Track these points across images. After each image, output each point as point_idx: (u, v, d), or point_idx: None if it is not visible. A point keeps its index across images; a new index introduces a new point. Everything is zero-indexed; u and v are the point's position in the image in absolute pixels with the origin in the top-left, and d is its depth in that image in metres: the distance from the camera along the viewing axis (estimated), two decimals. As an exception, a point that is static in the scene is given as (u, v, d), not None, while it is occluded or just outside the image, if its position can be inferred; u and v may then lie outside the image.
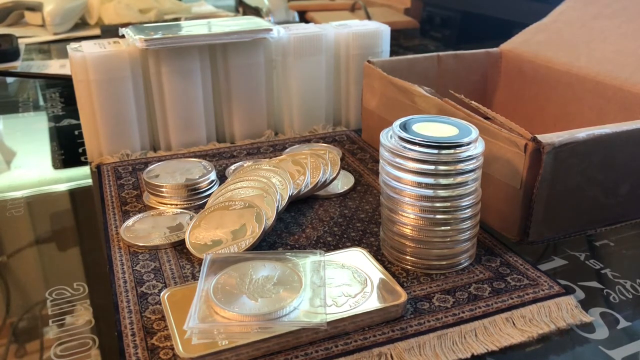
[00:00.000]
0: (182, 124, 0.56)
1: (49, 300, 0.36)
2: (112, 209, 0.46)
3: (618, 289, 0.37)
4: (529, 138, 0.37)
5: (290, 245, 0.41)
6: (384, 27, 0.61)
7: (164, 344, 0.31)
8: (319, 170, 0.46)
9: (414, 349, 0.31)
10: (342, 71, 0.62)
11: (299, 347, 0.31)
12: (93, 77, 0.51)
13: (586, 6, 0.60)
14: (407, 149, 0.35)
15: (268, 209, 0.41)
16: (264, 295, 0.32)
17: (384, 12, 1.20)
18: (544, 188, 0.38)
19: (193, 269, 0.38)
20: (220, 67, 0.57)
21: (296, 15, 1.16)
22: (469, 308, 0.34)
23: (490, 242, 0.41)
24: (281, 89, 0.60)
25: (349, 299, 0.33)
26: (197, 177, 0.47)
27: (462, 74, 0.61)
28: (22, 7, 1.17)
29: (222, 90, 0.58)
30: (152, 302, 0.35)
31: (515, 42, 0.63)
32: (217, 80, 0.57)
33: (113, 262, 0.39)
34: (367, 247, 0.40)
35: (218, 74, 0.57)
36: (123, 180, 0.50)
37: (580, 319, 0.34)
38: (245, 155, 0.56)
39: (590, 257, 0.40)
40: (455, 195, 0.35)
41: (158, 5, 1.16)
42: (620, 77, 0.50)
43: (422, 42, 1.09)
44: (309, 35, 0.58)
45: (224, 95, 0.58)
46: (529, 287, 0.36)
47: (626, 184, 0.42)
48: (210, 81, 0.57)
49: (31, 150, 0.61)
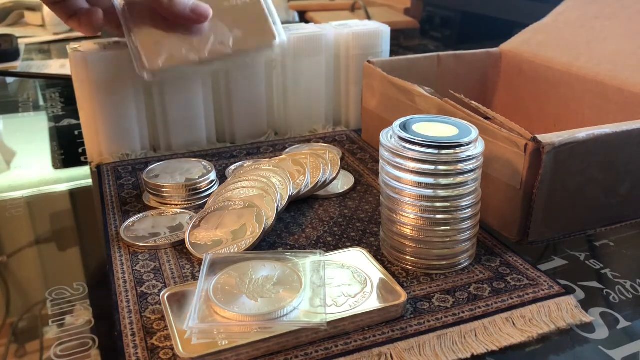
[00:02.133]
0: (182, 124, 0.56)
1: (49, 300, 0.36)
2: (112, 209, 0.46)
3: (618, 289, 0.37)
4: (529, 138, 0.37)
5: (290, 245, 0.41)
6: (384, 27, 0.61)
7: (164, 344, 0.31)
8: (319, 170, 0.46)
9: (414, 349, 0.31)
10: (342, 71, 0.62)
11: (299, 347, 0.31)
12: (93, 77, 0.51)
13: (586, 6, 0.60)
14: (407, 149, 0.35)
15: (268, 209, 0.41)
16: (264, 295, 0.32)
17: (384, 12, 1.20)
18: (544, 188, 0.38)
19: (193, 269, 0.38)
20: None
21: (296, 15, 1.16)
22: (469, 308, 0.34)
23: (490, 242, 0.41)
24: (281, 89, 0.60)
25: (349, 299, 0.33)
26: (197, 177, 0.47)
27: (462, 74, 0.61)
28: (22, 7, 1.17)
29: (222, 90, 0.58)
30: (152, 302, 0.35)
31: (515, 42, 0.63)
32: (217, 80, 0.57)
33: (113, 262, 0.39)
34: (367, 247, 0.40)
35: (218, 74, 0.57)
36: (123, 181, 0.50)
37: (580, 319, 0.34)
38: (245, 155, 0.56)
39: (590, 257, 0.40)
40: (455, 195, 0.35)
41: (158, 5, 1.16)
42: (620, 77, 0.50)
43: (422, 42, 1.09)
44: (309, 35, 0.58)
45: (224, 95, 0.58)
46: (529, 287, 0.36)
47: (626, 184, 0.42)
48: (210, 81, 0.57)
49: (31, 150, 0.61)
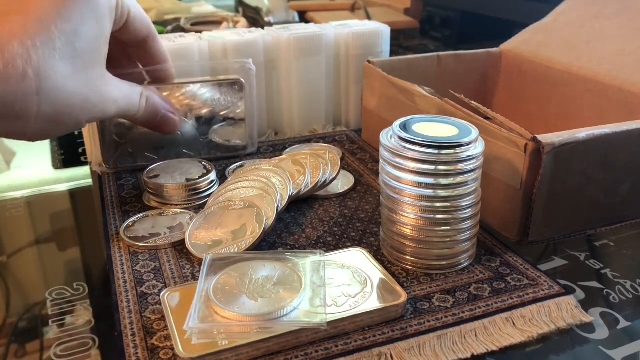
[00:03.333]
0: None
1: (49, 300, 0.36)
2: (112, 209, 0.46)
3: (618, 289, 0.37)
4: (529, 138, 0.37)
5: (290, 245, 0.41)
6: (384, 27, 0.61)
7: (164, 344, 0.31)
8: (319, 170, 0.46)
9: (414, 349, 0.31)
10: (342, 71, 0.62)
11: (299, 347, 0.31)
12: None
13: (586, 6, 0.60)
14: (407, 149, 0.35)
15: (268, 209, 0.41)
16: (264, 295, 0.32)
17: (384, 12, 1.20)
18: (544, 188, 0.38)
19: (193, 269, 0.38)
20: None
21: (296, 15, 1.16)
22: (469, 308, 0.34)
23: (490, 242, 0.41)
24: (281, 89, 0.60)
25: (349, 299, 0.33)
26: (197, 177, 0.47)
27: (462, 74, 0.61)
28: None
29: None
30: (152, 302, 0.35)
31: (515, 42, 0.63)
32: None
33: (113, 262, 0.39)
34: (367, 247, 0.40)
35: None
36: (123, 181, 0.50)
37: (580, 319, 0.34)
38: (246, 155, 0.56)
39: (590, 257, 0.40)
40: (455, 195, 0.35)
41: (158, 6, 1.16)
42: (620, 77, 0.50)
43: (422, 42, 1.09)
44: (309, 35, 0.58)
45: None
46: (529, 287, 0.36)
47: (626, 184, 0.42)
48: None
49: (31, 150, 0.61)
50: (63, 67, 0.34)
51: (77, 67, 0.36)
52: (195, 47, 0.54)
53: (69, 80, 0.35)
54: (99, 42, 0.37)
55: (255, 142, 0.56)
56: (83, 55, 0.36)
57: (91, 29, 0.36)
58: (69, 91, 0.35)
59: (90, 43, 0.36)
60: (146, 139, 0.52)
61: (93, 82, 0.37)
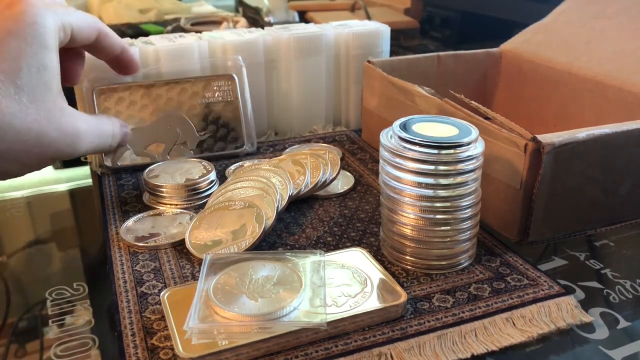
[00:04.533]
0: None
1: (49, 300, 0.36)
2: (112, 209, 0.46)
3: (618, 289, 0.37)
4: (529, 138, 0.37)
5: (290, 245, 0.41)
6: (384, 27, 0.61)
7: (164, 344, 0.31)
8: (319, 170, 0.46)
9: (414, 349, 0.31)
10: (342, 71, 0.62)
11: (299, 347, 0.31)
12: (93, 77, 0.51)
13: (586, 6, 0.60)
14: (407, 149, 0.35)
15: (268, 209, 0.41)
16: (264, 295, 0.32)
17: (384, 12, 1.20)
18: (544, 188, 0.38)
19: (193, 269, 0.38)
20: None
21: (296, 15, 1.16)
22: (469, 308, 0.34)
23: (490, 242, 0.41)
24: (281, 89, 0.60)
25: (349, 299, 0.33)
26: (197, 177, 0.47)
27: (462, 74, 0.61)
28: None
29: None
30: (152, 302, 0.35)
31: (515, 42, 0.63)
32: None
33: (113, 262, 0.39)
34: (367, 247, 0.40)
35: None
36: (123, 181, 0.50)
37: (580, 319, 0.34)
38: (245, 155, 0.56)
39: (590, 257, 0.40)
40: (455, 195, 0.35)
41: (158, 6, 1.16)
42: (620, 77, 0.50)
43: (422, 42, 1.09)
44: (309, 35, 0.58)
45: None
46: (529, 287, 0.36)
47: (626, 184, 0.42)
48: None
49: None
50: (6, 104, 0.34)
51: (24, 104, 0.35)
52: (195, 47, 0.54)
53: (15, 117, 0.34)
54: (43, 74, 0.36)
55: (254, 142, 0.56)
56: (28, 90, 0.35)
57: (32, 63, 0.35)
58: (18, 129, 0.34)
59: (33, 77, 0.35)
60: (146, 138, 0.52)
61: (47, 116, 0.36)
